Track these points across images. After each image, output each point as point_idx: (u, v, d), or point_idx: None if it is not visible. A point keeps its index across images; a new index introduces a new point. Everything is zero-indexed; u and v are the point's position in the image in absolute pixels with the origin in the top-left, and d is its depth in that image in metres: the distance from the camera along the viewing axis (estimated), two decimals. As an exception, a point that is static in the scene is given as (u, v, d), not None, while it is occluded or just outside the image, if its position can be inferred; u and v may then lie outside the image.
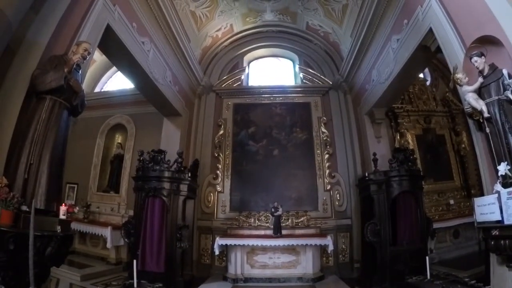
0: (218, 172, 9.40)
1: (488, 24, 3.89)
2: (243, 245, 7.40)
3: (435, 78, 10.67)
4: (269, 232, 7.91)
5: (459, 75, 4.15)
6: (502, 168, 3.37)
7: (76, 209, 4.20)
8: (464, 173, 9.37)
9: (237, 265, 7.33)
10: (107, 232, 8.13)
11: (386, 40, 7.08)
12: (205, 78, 10.29)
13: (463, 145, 9.52)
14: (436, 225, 7.65)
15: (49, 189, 3.66)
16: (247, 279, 7.17)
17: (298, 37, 11.03)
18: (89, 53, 4.41)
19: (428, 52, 5.65)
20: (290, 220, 8.61)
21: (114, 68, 10.41)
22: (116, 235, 8.00)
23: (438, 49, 5.14)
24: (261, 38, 11.14)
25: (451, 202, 9.05)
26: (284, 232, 7.79)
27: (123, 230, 6.78)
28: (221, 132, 9.80)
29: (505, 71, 3.62)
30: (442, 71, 10.10)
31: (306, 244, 7.39)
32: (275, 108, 10.15)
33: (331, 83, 10.31)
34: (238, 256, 7.38)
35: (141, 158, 7.16)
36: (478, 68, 3.96)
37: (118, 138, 10.23)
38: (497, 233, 3.40)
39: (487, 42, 3.94)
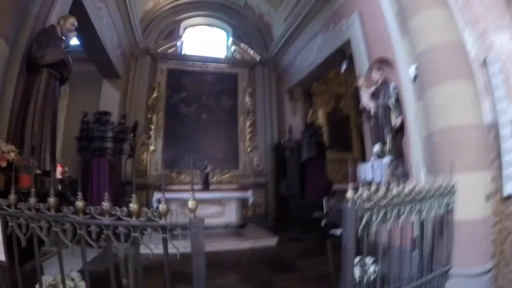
0: (151, 133, 10.35)
1: (388, 49, 5.53)
2: (177, 198, 8.77)
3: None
4: (198, 187, 9.34)
5: (361, 82, 6.01)
6: (376, 148, 5.39)
7: (66, 169, 5.04)
8: (362, 147, 11.01)
9: (173, 216, 8.67)
10: (47, 192, 8.60)
11: (313, 35, 8.76)
12: (143, 41, 10.76)
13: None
14: (336, 187, 9.58)
15: (51, 153, 4.57)
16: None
17: (235, 12, 12.11)
18: (75, 28, 5.14)
19: (344, 55, 7.49)
20: (215, 177, 10.21)
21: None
22: (55, 194, 8.55)
23: (352, 56, 6.92)
24: (200, 7, 11.87)
25: (350, 169, 11.50)
26: (211, 187, 9.33)
27: (69, 189, 7.48)
28: (155, 95, 10.61)
29: (391, 85, 5.52)
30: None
31: (231, 197, 8.93)
32: (206, 76, 11.30)
33: (259, 58, 11.82)
34: (173, 208, 8.74)
35: (85, 120, 7.66)
36: (374, 79, 5.87)
37: (50, 96, 10.15)
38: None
39: (384, 61, 5.71)
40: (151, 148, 10.28)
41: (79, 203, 2.04)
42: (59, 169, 4.67)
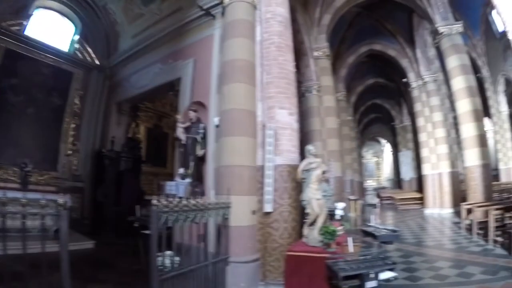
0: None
1: (206, 97, 7.64)
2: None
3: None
4: (16, 186, 9.24)
5: (179, 117, 7.75)
6: (181, 170, 7.28)
7: None
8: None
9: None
10: None
11: (153, 62, 10.17)
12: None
13: (178, 145, 13.96)
14: (148, 197, 10.57)
15: None
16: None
17: (91, 9, 12.46)
18: None
19: (173, 88, 9.20)
20: (34, 177, 10.09)
21: None
22: None
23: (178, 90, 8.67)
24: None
25: (161, 183, 13.10)
26: (30, 187, 9.37)
27: None
28: (-16, 73, 9.58)
29: (201, 125, 7.44)
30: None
31: (48, 200, 9.47)
32: (43, 67, 10.94)
33: (98, 64, 12.45)
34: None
35: None
36: (190, 117, 7.65)
37: None
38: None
39: (201, 105, 7.75)
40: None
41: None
42: None
